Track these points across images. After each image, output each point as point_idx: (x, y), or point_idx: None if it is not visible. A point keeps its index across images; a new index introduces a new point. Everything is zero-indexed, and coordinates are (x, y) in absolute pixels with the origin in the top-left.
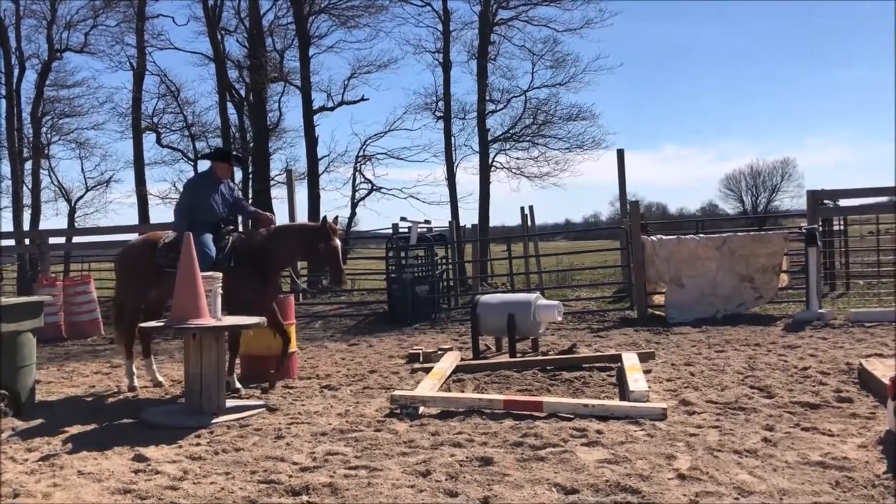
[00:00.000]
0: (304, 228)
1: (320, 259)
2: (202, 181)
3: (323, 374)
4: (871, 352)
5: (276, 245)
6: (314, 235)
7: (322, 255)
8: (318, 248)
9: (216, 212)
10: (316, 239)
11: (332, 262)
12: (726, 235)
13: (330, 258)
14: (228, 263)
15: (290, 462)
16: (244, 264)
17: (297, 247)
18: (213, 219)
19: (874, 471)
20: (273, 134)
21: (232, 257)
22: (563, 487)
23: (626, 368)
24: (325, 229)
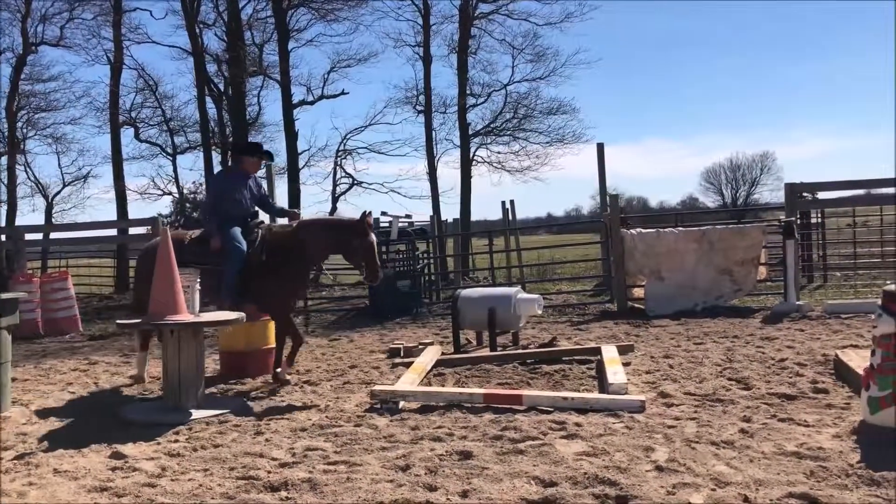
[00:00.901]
0: (338, 223)
1: (355, 255)
2: (228, 176)
3: (303, 370)
4: (847, 343)
5: (308, 239)
6: (349, 230)
7: (357, 251)
8: (353, 243)
9: (244, 207)
10: (351, 234)
11: (368, 258)
12: (705, 228)
13: (365, 254)
14: (260, 256)
15: (270, 458)
16: (275, 257)
17: (330, 241)
18: (240, 214)
19: (848, 460)
20: (252, 128)
21: (263, 250)
22: (542, 480)
23: (606, 361)
24: (360, 225)
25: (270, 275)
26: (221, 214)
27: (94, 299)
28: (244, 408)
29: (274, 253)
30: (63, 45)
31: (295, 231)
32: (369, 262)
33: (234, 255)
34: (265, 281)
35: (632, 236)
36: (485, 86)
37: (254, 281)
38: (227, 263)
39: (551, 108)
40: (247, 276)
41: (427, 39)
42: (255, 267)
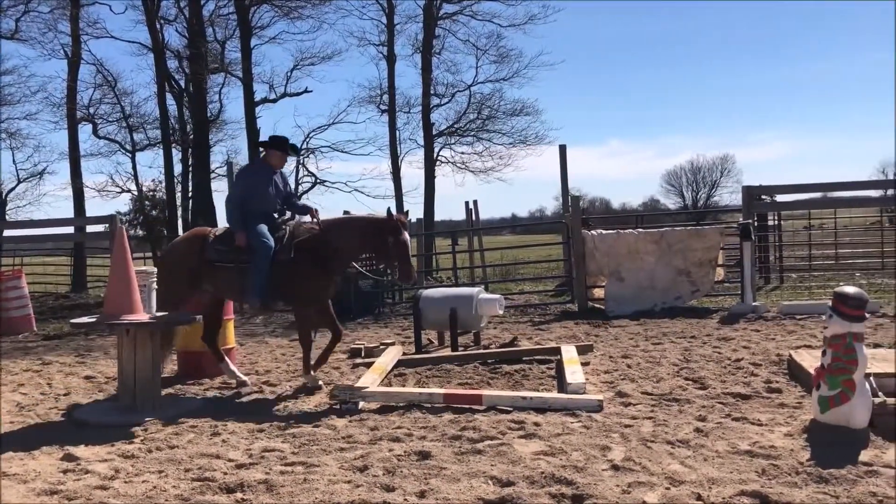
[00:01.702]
0: (370, 221)
1: (388, 254)
2: (255, 170)
3: (262, 370)
4: (800, 343)
5: (339, 237)
6: (382, 228)
7: (390, 250)
8: (387, 241)
9: (270, 202)
10: (384, 232)
11: (402, 257)
12: (664, 230)
13: (399, 253)
14: (288, 255)
15: (226, 459)
16: (304, 256)
17: (362, 240)
18: (267, 210)
19: (798, 458)
20: (214, 125)
21: (291, 248)
22: (500, 480)
23: (565, 361)
24: (393, 222)
25: (299, 274)
26: (247, 210)
27: (49, 298)
28: (201, 409)
29: (302, 251)
30: (18, 38)
31: (325, 229)
32: (402, 261)
33: (262, 253)
34: (293, 280)
35: (592, 237)
36: (449, 86)
37: (281, 280)
38: (255, 261)
39: (514, 110)
40: (274, 274)
41: (391, 39)
42: (283, 265)
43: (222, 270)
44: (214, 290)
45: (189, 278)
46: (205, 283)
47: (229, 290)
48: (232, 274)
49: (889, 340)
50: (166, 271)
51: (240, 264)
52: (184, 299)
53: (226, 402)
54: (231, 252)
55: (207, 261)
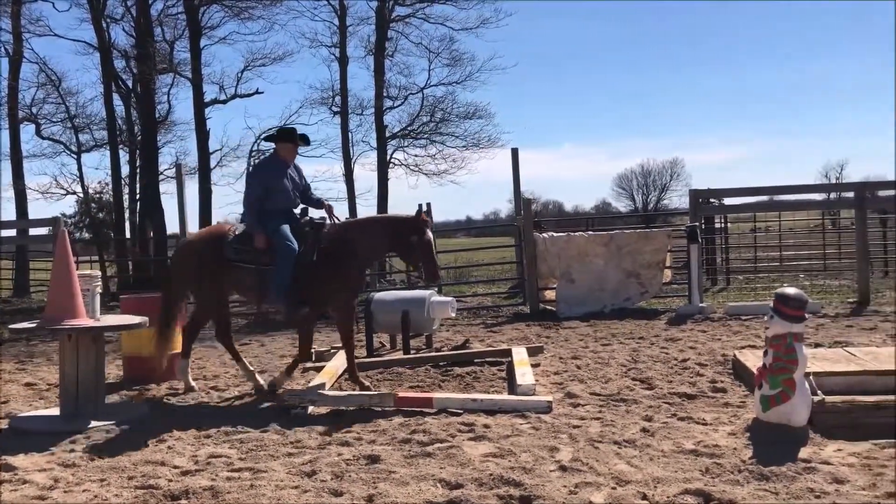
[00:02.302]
0: (394, 220)
1: (412, 253)
2: (270, 166)
3: (210, 375)
4: (745, 344)
5: (362, 237)
6: (406, 227)
7: (414, 250)
8: (411, 241)
9: (289, 199)
10: (408, 231)
11: (427, 256)
12: (614, 233)
13: (424, 253)
14: (311, 257)
15: (171, 466)
16: (328, 258)
17: (386, 240)
18: (286, 207)
19: (741, 456)
20: (162, 126)
21: (315, 250)
22: (448, 483)
23: (516, 363)
24: (418, 221)
25: (324, 276)
26: (266, 209)
27: None
28: (147, 415)
29: (326, 253)
30: None
31: (347, 229)
32: (427, 260)
33: (286, 255)
34: (320, 283)
35: (544, 240)
36: (402, 88)
37: (307, 283)
38: (279, 264)
39: (467, 113)
40: (299, 277)
41: (343, 40)
42: (308, 268)
43: (242, 272)
44: (234, 291)
45: (208, 278)
46: (223, 284)
47: (249, 293)
48: (252, 276)
49: (829, 340)
50: (180, 269)
51: (261, 266)
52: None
53: (173, 408)
54: (252, 252)
55: (226, 260)
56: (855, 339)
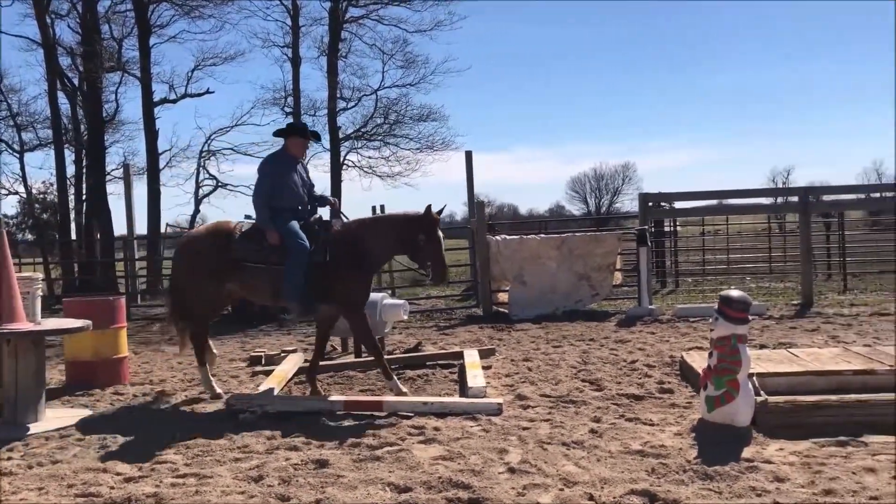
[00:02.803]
0: (403, 218)
1: (421, 253)
2: (278, 162)
3: (157, 380)
4: (692, 345)
5: (372, 237)
6: (415, 226)
7: (423, 249)
8: (419, 240)
9: (297, 195)
10: (417, 230)
11: (435, 256)
12: (565, 236)
13: (432, 252)
14: (323, 257)
15: (114, 473)
16: (340, 258)
17: (395, 239)
18: (294, 204)
19: (686, 456)
20: (109, 126)
21: (327, 251)
22: (397, 486)
23: (467, 365)
24: (427, 220)
25: (339, 276)
26: (274, 205)
27: None
28: (90, 420)
29: (338, 251)
30: None
31: (360, 227)
32: (436, 261)
33: (298, 254)
34: (333, 283)
35: (496, 242)
36: (355, 90)
37: (319, 282)
38: (291, 263)
39: (421, 115)
40: (311, 277)
41: (296, 41)
42: (319, 267)
43: (251, 271)
44: (242, 292)
45: (211, 277)
46: (229, 283)
47: (259, 293)
48: (262, 275)
49: (774, 341)
50: (183, 268)
51: (271, 265)
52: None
53: (117, 414)
54: (261, 251)
55: (233, 259)
56: (798, 341)
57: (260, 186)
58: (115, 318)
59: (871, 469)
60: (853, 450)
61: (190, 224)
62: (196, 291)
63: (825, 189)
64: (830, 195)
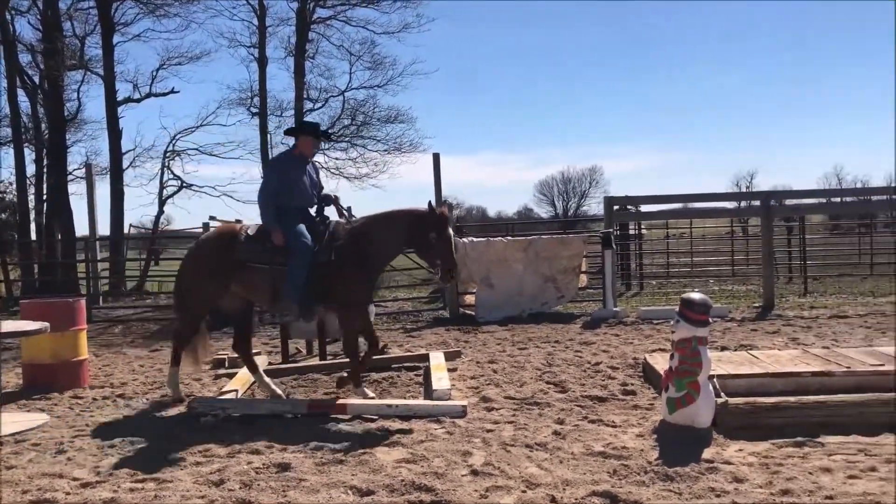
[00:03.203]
0: (413, 214)
1: (431, 251)
2: (289, 160)
3: (118, 383)
4: (655, 347)
5: (381, 234)
6: (425, 223)
7: (433, 247)
8: (430, 238)
9: (306, 195)
10: (427, 227)
11: (445, 254)
12: (532, 238)
13: (443, 250)
14: (328, 257)
15: (70, 478)
16: (345, 258)
17: (403, 237)
18: (303, 204)
19: (648, 458)
20: (71, 125)
21: (331, 249)
22: (359, 490)
23: (433, 367)
24: (438, 216)
25: (341, 276)
26: (282, 205)
27: None
28: (47, 425)
29: (343, 252)
30: None
31: (365, 226)
32: (446, 259)
33: (301, 254)
34: (335, 283)
35: (464, 244)
36: (322, 91)
37: (322, 284)
38: (293, 263)
39: (389, 117)
40: (314, 278)
41: (263, 41)
42: (323, 268)
43: (254, 272)
44: (244, 293)
45: (215, 280)
46: (234, 286)
47: (261, 294)
48: (265, 276)
49: (735, 343)
50: (189, 272)
51: (275, 266)
52: (208, 304)
53: (76, 418)
54: (265, 252)
55: (238, 261)
56: (759, 343)
57: (266, 184)
58: (75, 319)
59: (827, 469)
60: (810, 450)
61: (154, 225)
62: (196, 291)
63: (787, 193)
64: (792, 199)
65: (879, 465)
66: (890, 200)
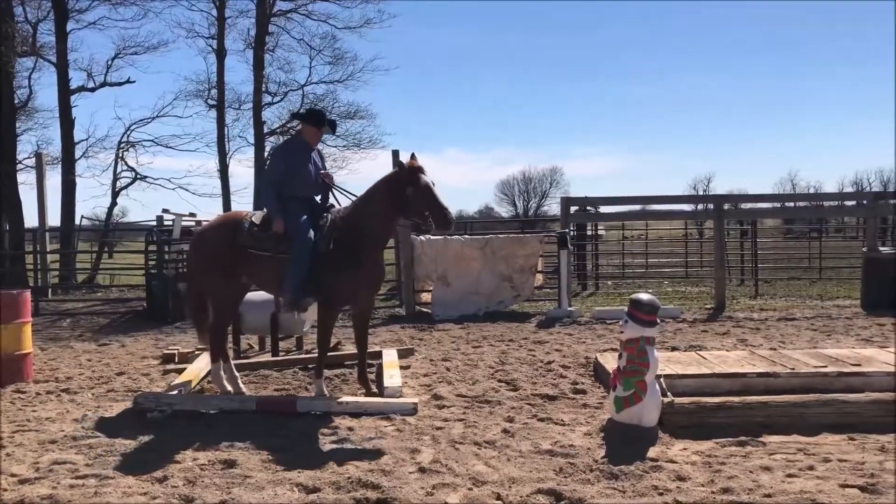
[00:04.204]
0: (384, 182)
1: (415, 206)
2: (294, 148)
3: (63, 377)
4: (608, 346)
5: (365, 212)
6: (399, 183)
7: (414, 201)
8: (407, 194)
9: (309, 184)
10: (400, 185)
11: (430, 203)
12: (489, 237)
13: (425, 200)
14: (327, 246)
15: (8, 474)
16: (341, 245)
17: (384, 205)
18: (307, 192)
19: (594, 456)
20: (22, 113)
21: (330, 239)
22: (305, 487)
23: (385, 365)
24: (406, 171)
25: (333, 268)
26: (286, 194)
27: None
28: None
29: (341, 240)
30: None
31: (353, 211)
32: (433, 206)
33: (301, 244)
34: (332, 274)
35: (420, 242)
36: (282, 84)
37: (320, 274)
38: (293, 253)
39: (349, 112)
40: (314, 268)
41: (221, 32)
42: (322, 258)
43: (258, 259)
44: (251, 280)
45: (222, 268)
46: (241, 273)
47: (266, 282)
48: (270, 263)
49: (685, 344)
50: (195, 261)
51: (278, 253)
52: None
53: (17, 413)
54: (269, 239)
55: (242, 247)
56: (708, 343)
57: (270, 172)
58: (19, 312)
59: (768, 468)
60: (752, 449)
61: (107, 216)
62: (210, 284)
63: (741, 197)
64: (747, 203)
65: (817, 464)
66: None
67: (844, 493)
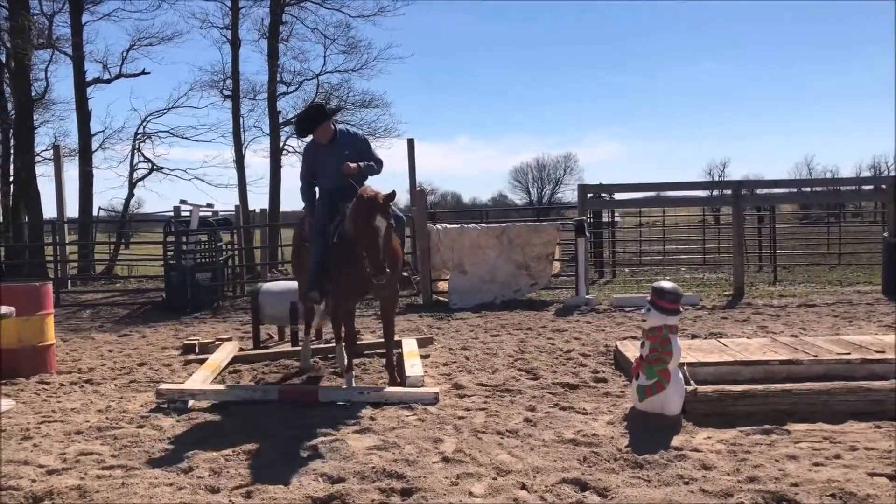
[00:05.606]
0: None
1: (358, 241)
2: (309, 149)
3: (86, 368)
4: (627, 335)
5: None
6: (358, 210)
7: (361, 236)
8: (358, 225)
9: (329, 179)
10: (354, 214)
11: (368, 247)
12: (505, 225)
13: (366, 241)
14: (332, 239)
15: (36, 465)
16: (342, 239)
17: (351, 225)
18: (329, 185)
19: (618, 445)
20: (39, 105)
21: (337, 232)
22: (330, 477)
23: (405, 354)
24: (364, 201)
25: (339, 260)
26: (313, 190)
27: None
28: (13, 411)
29: (343, 235)
30: None
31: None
32: (369, 252)
33: (316, 237)
34: (335, 268)
35: (437, 231)
36: (296, 74)
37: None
38: (311, 245)
39: (363, 101)
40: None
41: (236, 22)
42: (329, 252)
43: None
44: None
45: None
46: None
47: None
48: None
49: (705, 331)
50: (295, 253)
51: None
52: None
53: (42, 404)
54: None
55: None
56: (728, 331)
57: (300, 172)
58: (41, 304)
59: (794, 456)
60: (777, 438)
61: (124, 208)
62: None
63: (758, 183)
64: (763, 189)
65: (844, 453)
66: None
67: (873, 481)
